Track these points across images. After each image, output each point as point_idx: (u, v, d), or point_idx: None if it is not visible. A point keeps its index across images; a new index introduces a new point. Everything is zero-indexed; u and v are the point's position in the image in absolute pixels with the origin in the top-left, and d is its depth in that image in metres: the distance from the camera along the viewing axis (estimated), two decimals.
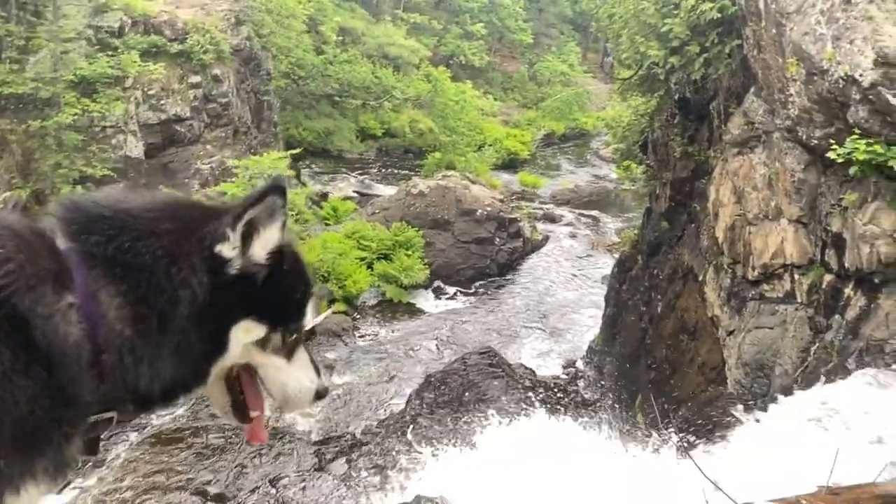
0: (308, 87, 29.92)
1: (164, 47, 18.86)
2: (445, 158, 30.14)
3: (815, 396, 5.68)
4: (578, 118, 43.71)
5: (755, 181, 10.24)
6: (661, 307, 13.02)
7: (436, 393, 12.53)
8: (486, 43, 46.39)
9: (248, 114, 22.02)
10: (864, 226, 8.26)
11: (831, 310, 8.92)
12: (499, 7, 46.74)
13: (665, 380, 11.98)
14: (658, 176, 14.27)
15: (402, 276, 20.32)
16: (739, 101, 11.02)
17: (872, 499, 3.52)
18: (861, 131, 7.90)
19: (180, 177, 19.14)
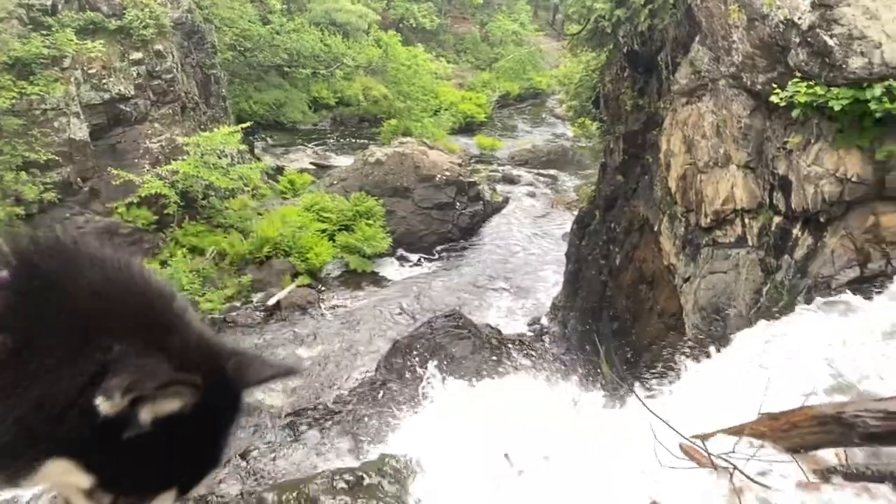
0: (256, 59, 29.19)
1: (101, 24, 18.16)
2: (401, 125, 29.88)
3: (762, 332, 5.92)
4: (532, 77, 43.60)
5: (704, 129, 10.42)
6: (619, 259, 13.27)
7: (404, 358, 12.63)
8: (436, 5, 45.71)
9: (195, 89, 21.43)
10: (808, 167, 8.49)
11: (781, 251, 9.21)
12: None
13: (627, 329, 12.29)
14: (611, 130, 14.41)
15: (364, 245, 20.26)
16: (686, 51, 11.13)
17: (807, 420, 3.73)
18: (801, 74, 8.08)
19: (129, 157, 18.63)
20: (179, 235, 18.43)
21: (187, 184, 18.20)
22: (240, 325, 16.88)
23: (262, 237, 18.92)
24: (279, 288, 18.17)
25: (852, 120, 7.96)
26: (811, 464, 3.67)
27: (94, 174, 17.63)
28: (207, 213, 19.39)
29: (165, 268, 16.93)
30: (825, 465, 3.73)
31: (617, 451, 4.48)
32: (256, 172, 19.98)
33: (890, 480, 3.53)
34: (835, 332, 5.56)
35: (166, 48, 19.51)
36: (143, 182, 17.48)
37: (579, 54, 16.27)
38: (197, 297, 16.61)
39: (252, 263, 18.75)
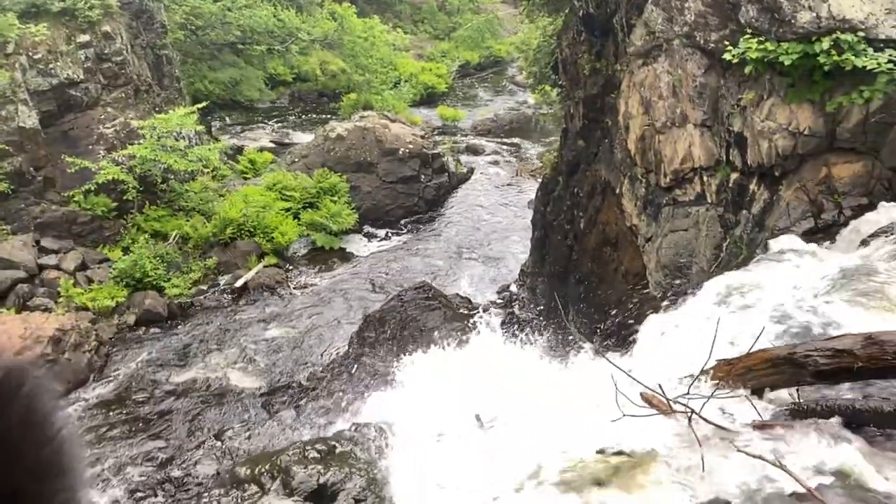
0: (208, 37, 28.46)
1: (44, 6, 17.52)
2: (361, 98, 29.56)
3: (720, 283, 6.10)
4: (491, 46, 43.36)
5: (660, 90, 10.52)
6: (583, 223, 13.42)
7: (376, 332, 12.70)
8: None
9: (147, 71, 20.87)
10: (761, 122, 8.66)
11: (739, 206, 9.42)
12: None
13: (593, 291, 12.49)
14: (571, 95, 14.45)
15: (330, 222, 20.14)
16: (640, 12, 11.17)
17: (762, 362, 3.89)
18: (752, 30, 8.20)
19: (83, 144, 18.14)
20: (141, 221, 18.10)
21: (145, 168, 17.83)
22: (208, 309, 16.74)
23: (224, 219, 18.68)
24: (246, 269, 18.02)
25: (802, 74, 8.12)
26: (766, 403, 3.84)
27: (47, 163, 17.15)
28: (168, 196, 19.04)
29: (128, 254, 16.66)
30: (779, 403, 3.91)
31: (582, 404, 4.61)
32: (215, 153, 19.64)
33: (838, 414, 3.72)
34: (787, 279, 5.75)
35: (114, 29, 18.93)
36: (100, 168, 17.08)
37: (536, 20, 16.24)
38: (163, 283, 16.40)
39: (217, 246, 18.53)
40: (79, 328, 14.34)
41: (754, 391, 3.94)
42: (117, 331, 15.44)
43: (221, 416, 12.13)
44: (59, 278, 15.77)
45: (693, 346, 4.54)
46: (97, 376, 13.94)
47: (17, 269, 15.50)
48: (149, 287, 16.27)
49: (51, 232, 16.83)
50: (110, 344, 14.98)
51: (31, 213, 16.65)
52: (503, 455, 4.51)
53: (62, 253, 16.56)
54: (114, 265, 16.50)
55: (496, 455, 4.60)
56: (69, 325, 14.14)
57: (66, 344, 13.82)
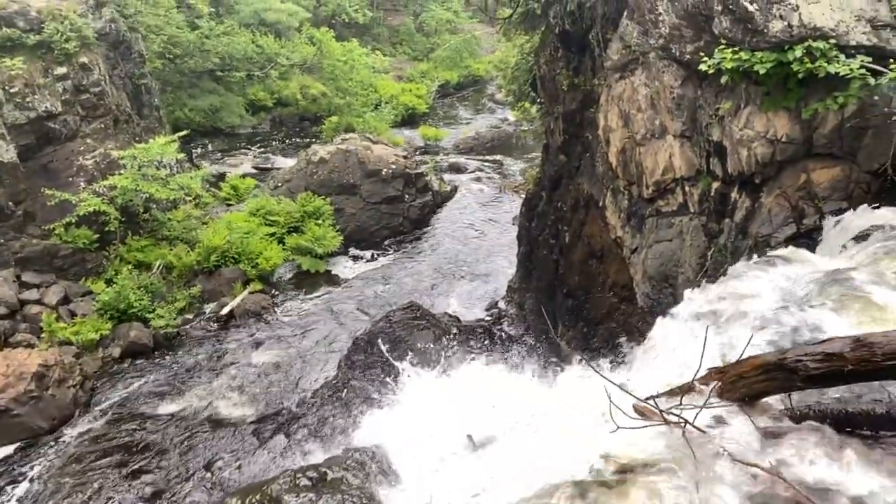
0: (187, 65, 28.49)
1: (19, 40, 17.44)
2: (343, 121, 29.63)
3: (707, 293, 6.11)
4: (470, 65, 43.77)
5: (639, 102, 10.62)
6: (568, 237, 13.46)
7: (365, 354, 12.61)
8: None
9: (126, 101, 20.79)
10: (740, 131, 8.75)
11: (721, 214, 9.48)
12: None
13: (581, 305, 12.49)
14: (550, 111, 14.55)
15: (315, 245, 20.07)
16: (615, 27, 11.30)
17: (753, 369, 3.89)
18: (726, 41, 8.30)
19: (63, 176, 17.99)
20: (124, 252, 17.93)
21: (127, 198, 17.70)
22: (194, 338, 16.55)
23: (208, 246, 18.55)
24: (231, 296, 17.87)
25: (777, 82, 8.22)
26: (759, 411, 3.83)
27: (26, 196, 16.97)
28: (150, 226, 18.89)
29: (111, 286, 16.47)
30: (772, 411, 3.90)
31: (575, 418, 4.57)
32: (197, 181, 19.53)
33: (831, 419, 3.71)
34: (775, 285, 5.77)
35: (92, 60, 18.87)
36: (81, 200, 16.93)
37: (513, 38, 16.38)
38: (147, 314, 16.21)
39: (201, 274, 18.38)
40: (63, 363, 14.12)
41: (747, 398, 3.93)
42: (102, 364, 15.22)
43: (211, 446, 11.94)
44: (42, 313, 15.54)
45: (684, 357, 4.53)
46: (82, 411, 13.70)
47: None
48: (133, 318, 16.08)
49: (32, 266, 16.61)
50: (95, 378, 14.76)
51: (10, 248, 16.43)
52: (500, 479, 4.46)
53: (44, 287, 16.34)
54: (97, 298, 16.30)
55: (493, 480, 4.55)
56: (53, 360, 13.92)
57: (50, 380, 13.59)
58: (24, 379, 13.20)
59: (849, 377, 3.66)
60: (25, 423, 12.88)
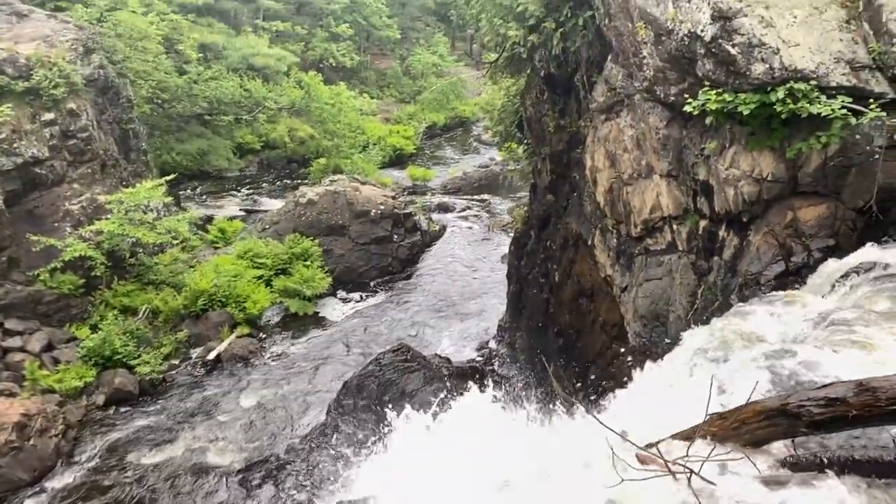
0: (175, 110, 28.64)
1: (8, 87, 17.47)
2: (331, 163, 29.79)
3: (701, 333, 6.07)
4: (457, 107, 44.42)
5: (625, 143, 10.74)
6: (558, 276, 13.46)
7: (355, 398, 12.41)
8: (355, 43, 46.12)
9: (113, 145, 20.79)
10: (726, 170, 8.84)
11: (710, 253, 9.52)
12: (361, 6, 46.54)
13: (572, 344, 12.42)
14: (537, 152, 14.70)
15: (303, 287, 19.93)
16: (600, 70, 11.51)
17: (755, 415, 3.83)
18: (710, 83, 8.45)
19: (49, 221, 17.84)
20: (109, 297, 17.70)
21: (113, 243, 17.55)
22: (180, 384, 16.26)
23: (195, 290, 18.38)
24: (218, 340, 17.64)
25: (761, 122, 8.35)
26: (764, 458, 3.75)
27: (11, 242, 16.77)
28: (137, 270, 18.71)
29: (97, 332, 16.21)
30: (777, 457, 3.82)
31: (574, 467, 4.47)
32: (184, 224, 19.42)
33: (837, 466, 3.64)
34: (767, 327, 5.75)
35: (80, 106, 18.92)
36: (66, 246, 16.76)
37: (499, 81, 16.63)
38: (133, 360, 15.93)
39: (188, 318, 18.16)
40: (45, 412, 13.78)
41: (750, 445, 3.86)
42: (86, 412, 14.87)
43: (197, 497, 11.63)
44: (25, 361, 15.23)
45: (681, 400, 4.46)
46: (65, 462, 13.34)
47: None
48: (118, 365, 15.79)
49: (15, 313, 16.33)
50: (79, 426, 14.40)
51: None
52: None
53: (27, 334, 16.04)
54: (82, 344, 16.02)
55: None
56: (35, 409, 13.60)
57: (32, 429, 13.25)
58: (4, 429, 12.86)
59: (853, 422, 3.61)
60: (5, 474, 12.50)
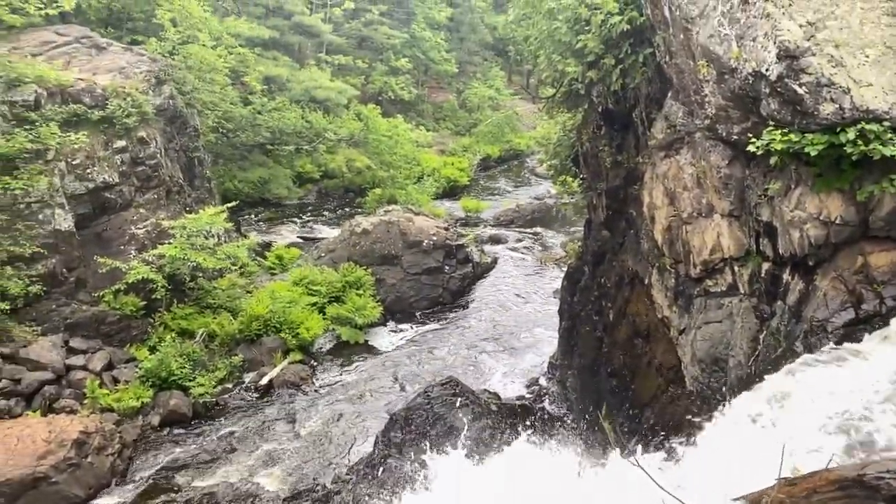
0: (239, 139, 29.61)
1: (84, 115, 18.36)
2: (386, 193, 30.19)
3: (767, 386, 5.77)
4: (511, 140, 44.56)
5: (685, 181, 10.53)
6: (612, 314, 13.18)
7: (402, 431, 12.33)
8: (413, 76, 46.94)
9: (179, 172, 21.59)
10: (791, 212, 8.55)
11: (773, 296, 9.17)
12: (421, 41, 47.44)
13: (626, 386, 12.08)
14: (593, 187, 14.54)
15: (355, 316, 20.10)
16: (660, 107, 11.36)
17: (828, 484, 3.57)
18: (775, 122, 8.22)
19: (115, 244, 18.55)
20: (168, 319, 18.20)
21: (174, 267, 18.09)
22: (232, 408, 16.50)
23: (251, 315, 18.73)
24: (271, 366, 17.88)
25: (830, 164, 8.06)
26: None
27: (80, 263, 17.49)
28: (196, 294, 19.21)
29: (155, 354, 16.65)
30: None
31: None
32: (244, 250, 19.91)
33: None
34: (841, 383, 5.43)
35: (149, 134, 19.74)
36: (130, 268, 17.36)
37: (556, 115, 16.58)
38: (188, 383, 16.27)
39: (243, 343, 18.49)
40: (103, 430, 14.17)
41: None
42: (141, 432, 15.22)
43: None
44: (86, 379, 15.73)
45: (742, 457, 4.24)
46: (119, 481, 13.64)
47: (45, 370, 15.52)
48: (174, 386, 16.15)
49: (80, 332, 16.94)
50: (134, 446, 14.74)
51: (61, 314, 16.82)
52: None
53: (90, 353, 16.60)
54: (140, 365, 16.47)
55: None
56: (93, 427, 13.99)
57: (90, 447, 13.62)
58: (64, 446, 13.25)
59: None
60: (62, 491, 12.84)
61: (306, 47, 40.67)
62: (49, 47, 21.01)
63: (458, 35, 53.59)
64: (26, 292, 15.88)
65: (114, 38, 24.62)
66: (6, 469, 12.52)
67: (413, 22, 48.15)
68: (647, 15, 10.86)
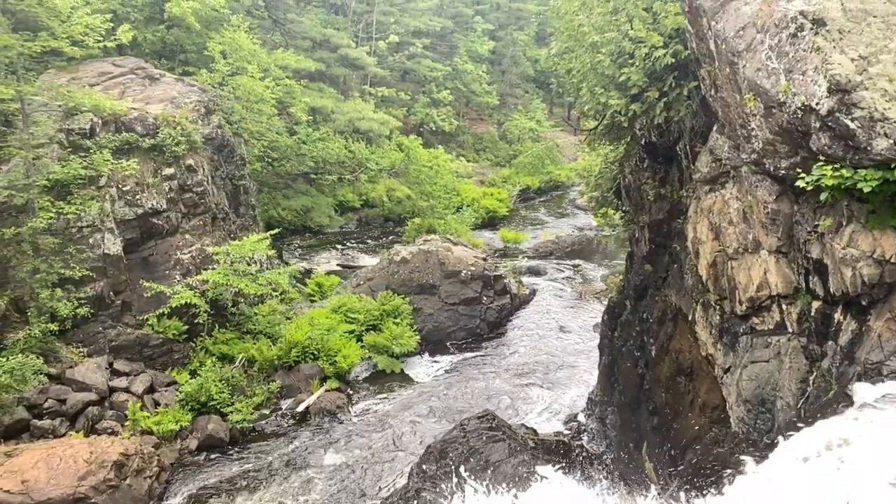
0: (283, 168, 30.24)
1: (136, 143, 19.01)
2: (425, 223, 30.35)
3: (819, 432, 5.49)
4: (551, 171, 44.55)
5: (730, 216, 10.31)
6: (654, 351, 12.88)
7: (437, 464, 12.17)
8: (454, 108, 47.47)
9: (224, 200, 22.09)
10: (842, 250, 8.27)
11: (824, 336, 8.84)
12: (462, 73, 48.04)
13: (668, 424, 11.73)
14: (635, 220, 14.36)
15: (392, 345, 20.10)
16: (704, 140, 11.20)
17: None
18: (825, 157, 8.00)
19: (161, 269, 19.00)
20: (209, 344, 18.47)
21: (217, 292, 18.40)
22: (269, 434, 16.55)
23: (290, 342, 18.88)
24: (308, 393, 17.93)
25: (884, 200, 7.81)
26: None
27: (126, 287, 17.93)
28: (237, 319, 19.48)
29: (195, 378, 16.86)
30: None
31: None
32: (285, 277, 20.17)
33: None
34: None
35: (197, 162, 20.28)
36: (174, 293, 17.71)
37: (597, 148, 16.50)
38: (226, 408, 16.41)
39: (281, 369, 18.62)
40: (142, 453, 14.34)
41: None
42: (179, 456, 15.36)
43: None
44: (128, 401, 16.00)
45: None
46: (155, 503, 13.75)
47: (90, 391, 15.84)
48: (212, 411, 16.31)
49: (124, 354, 17.30)
50: (171, 469, 14.87)
51: (107, 336, 17.23)
52: None
53: (133, 375, 16.91)
54: (180, 388, 16.69)
55: None
56: (133, 449, 14.17)
57: (129, 469, 13.79)
58: (104, 467, 13.45)
59: None
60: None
61: (351, 79, 41.54)
62: (105, 78, 21.88)
63: (500, 67, 54.14)
64: (74, 314, 16.31)
65: (167, 69, 25.54)
66: (48, 488, 12.75)
67: (455, 55, 48.83)
68: (692, 48, 10.77)
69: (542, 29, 54.21)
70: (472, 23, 51.74)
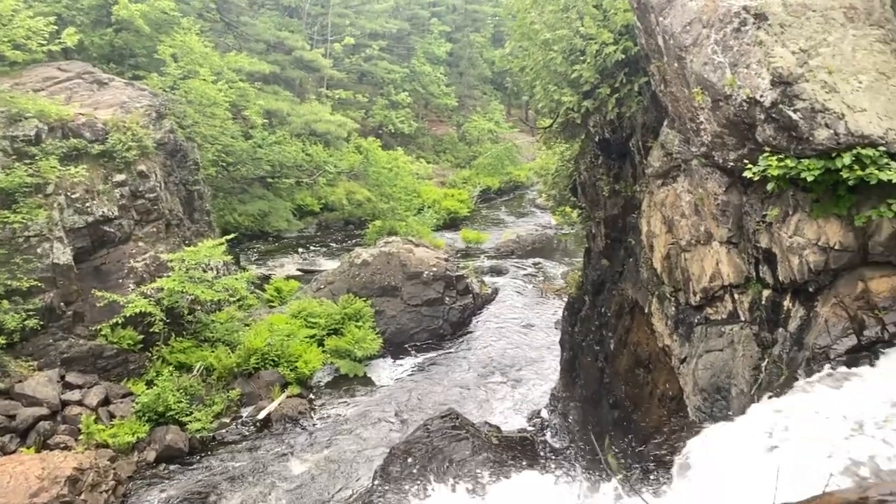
0: (239, 172, 29.77)
1: (84, 149, 18.45)
2: (386, 225, 30.24)
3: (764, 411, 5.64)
4: (511, 171, 44.89)
5: (682, 209, 10.50)
6: (613, 344, 13.04)
7: (401, 465, 12.12)
8: (413, 110, 47.44)
9: (178, 206, 21.62)
10: (789, 238, 8.49)
11: (774, 324, 9.06)
12: (420, 75, 48.07)
13: (629, 417, 11.89)
14: (591, 216, 14.53)
15: (354, 348, 19.94)
16: (656, 135, 11.39)
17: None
18: (771, 148, 8.21)
19: (114, 277, 18.49)
20: (166, 353, 18.04)
21: (172, 300, 18.00)
22: (230, 443, 16.25)
23: (249, 349, 18.57)
24: (269, 400, 17.66)
25: (826, 189, 8.03)
26: None
27: (78, 297, 17.40)
28: (194, 327, 19.08)
29: (152, 388, 16.46)
30: None
31: None
32: (242, 283, 19.83)
33: None
34: (841, 406, 5.32)
35: (149, 168, 19.82)
36: (128, 302, 17.27)
37: (553, 146, 16.66)
38: (185, 417, 16.05)
39: (240, 376, 18.30)
40: (97, 467, 13.93)
41: None
42: (136, 468, 14.97)
43: None
44: (82, 414, 15.53)
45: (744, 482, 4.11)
46: None
47: (40, 405, 15.33)
48: (171, 421, 15.93)
49: (77, 366, 16.79)
50: (128, 482, 14.48)
51: (58, 348, 16.68)
52: None
53: (86, 388, 16.41)
54: (137, 399, 16.26)
55: None
56: (87, 463, 13.76)
57: (84, 484, 13.38)
58: (58, 483, 13.02)
59: None
60: None
61: (307, 82, 41.17)
62: (51, 83, 21.24)
63: (458, 69, 54.32)
64: (23, 326, 15.77)
65: (116, 73, 24.92)
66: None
67: (413, 57, 48.85)
68: (642, 44, 10.95)
69: (499, 31, 54.59)
70: (429, 25, 51.85)
